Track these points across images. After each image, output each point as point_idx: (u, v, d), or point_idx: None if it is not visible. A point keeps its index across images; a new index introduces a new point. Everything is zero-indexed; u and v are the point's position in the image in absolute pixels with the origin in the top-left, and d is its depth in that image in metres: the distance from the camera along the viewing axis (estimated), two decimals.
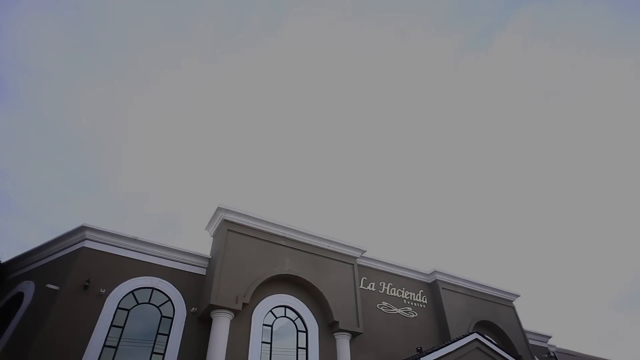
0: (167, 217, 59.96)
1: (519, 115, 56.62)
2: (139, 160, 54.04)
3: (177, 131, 54.61)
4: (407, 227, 63.35)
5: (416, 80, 57.00)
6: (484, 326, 18.29)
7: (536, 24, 50.39)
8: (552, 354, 21.16)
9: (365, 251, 16.12)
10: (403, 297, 16.88)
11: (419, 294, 17.50)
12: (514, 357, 12.51)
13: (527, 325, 20.90)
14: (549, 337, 21.93)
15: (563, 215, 60.01)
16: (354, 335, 13.96)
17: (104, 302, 11.29)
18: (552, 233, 61.13)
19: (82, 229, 12.16)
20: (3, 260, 13.38)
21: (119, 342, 10.94)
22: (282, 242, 14.28)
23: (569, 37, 49.63)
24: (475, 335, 12.19)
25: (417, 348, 12.04)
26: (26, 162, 42.85)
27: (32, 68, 38.50)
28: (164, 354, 11.25)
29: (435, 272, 18.00)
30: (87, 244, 12.04)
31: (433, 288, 18.08)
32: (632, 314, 60.88)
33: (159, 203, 57.45)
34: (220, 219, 13.61)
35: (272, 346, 12.47)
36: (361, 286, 15.77)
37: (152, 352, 11.19)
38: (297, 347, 12.93)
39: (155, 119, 52.55)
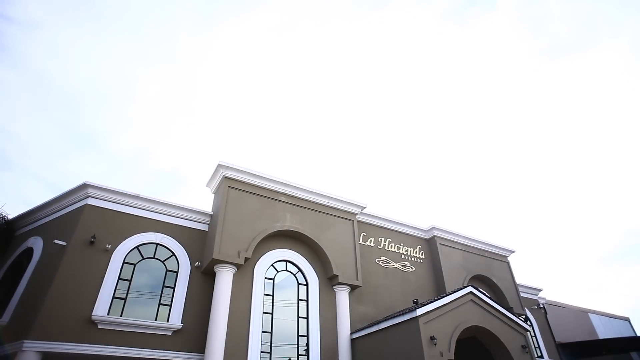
0: (169, 173, 60.25)
1: (523, 69, 54.99)
2: (138, 117, 53.37)
3: (178, 87, 53.44)
4: (406, 184, 63.73)
5: (419, 36, 54.83)
6: (479, 280, 18.94)
7: None
8: (541, 306, 22.12)
9: (365, 207, 16.32)
10: (401, 252, 17.34)
11: (417, 249, 17.96)
12: (505, 309, 13.03)
13: (520, 279, 21.68)
14: (540, 290, 22.79)
15: (558, 174, 60.18)
16: (353, 288, 14.50)
17: (110, 257, 11.64)
18: (547, 190, 61.60)
19: (85, 186, 12.26)
20: (10, 217, 13.64)
21: (127, 294, 11.42)
22: (283, 199, 14.44)
23: None
24: (469, 289, 12.61)
25: (413, 300, 12.50)
26: (23, 118, 42.33)
27: (21, 20, 36.90)
28: (170, 305, 11.78)
29: (433, 228, 18.35)
30: (90, 201, 12.21)
31: (431, 244, 18.52)
32: (620, 268, 62.88)
33: (160, 159, 57.47)
34: (221, 176, 13.66)
35: (274, 298, 13.02)
36: (360, 241, 16.14)
37: (160, 304, 11.72)
38: (298, 299, 13.49)
39: (154, 73, 51.24)
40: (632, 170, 53.10)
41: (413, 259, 17.59)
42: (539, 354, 19.96)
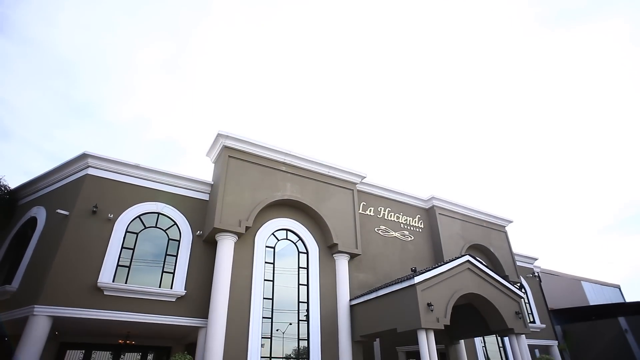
0: (169, 143, 59.92)
1: (524, 39, 53.48)
2: (138, 86, 52.42)
3: (178, 56, 52.14)
4: (406, 154, 63.57)
5: (420, 3, 52.88)
6: (477, 249, 19.26)
7: None
8: (536, 274, 22.65)
9: (365, 177, 16.35)
10: (400, 221, 17.52)
11: (416, 219, 18.14)
12: (501, 277, 13.31)
13: (517, 248, 22.08)
14: (536, 259, 23.26)
15: (558, 145, 59.85)
16: (353, 256, 14.77)
17: (113, 226, 11.78)
18: (547, 161, 61.51)
19: (84, 156, 12.22)
20: (11, 187, 13.66)
21: (131, 262, 11.66)
22: (283, 168, 14.43)
23: None
24: (466, 257, 12.80)
25: (411, 268, 12.74)
26: (20, 87, 41.56)
27: None
28: (173, 273, 12.05)
29: (432, 198, 18.46)
30: (91, 171, 12.21)
31: (430, 213, 18.68)
32: (618, 238, 63.87)
33: (160, 129, 57.00)
34: (221, 145, 13.59)
35: (275, 266, 13.29)
36: (360, 211, 16.27)
37: (163, 271, 11.99)
38: (299, 267, 13.78)
39: (154, 42, 49.83)
40: (633, 144, 52.82)
41: (412, 228, 17.80)
42: (532, 320, 20.64)
